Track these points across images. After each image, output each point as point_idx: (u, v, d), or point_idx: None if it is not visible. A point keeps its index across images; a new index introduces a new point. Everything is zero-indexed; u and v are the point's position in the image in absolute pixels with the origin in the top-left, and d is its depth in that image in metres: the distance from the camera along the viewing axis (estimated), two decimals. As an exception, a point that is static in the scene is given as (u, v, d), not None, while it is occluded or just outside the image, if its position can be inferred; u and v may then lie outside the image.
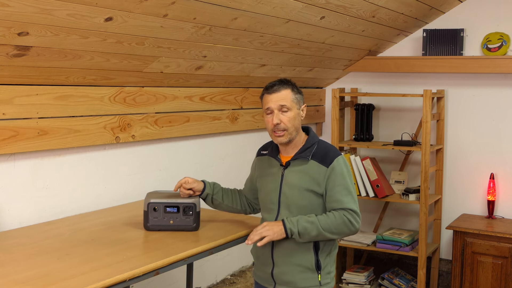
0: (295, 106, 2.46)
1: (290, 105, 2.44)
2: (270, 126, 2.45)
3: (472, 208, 4.31)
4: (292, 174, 2.46)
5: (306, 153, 2.46)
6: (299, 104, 2.48)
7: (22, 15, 2.16)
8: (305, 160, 2.46)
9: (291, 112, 2.44)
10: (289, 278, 2.46)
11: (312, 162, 2.45)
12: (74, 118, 2.88)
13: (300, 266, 2.44)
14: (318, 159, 2.44)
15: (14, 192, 2.70)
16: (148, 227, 2.58)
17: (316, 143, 2.50)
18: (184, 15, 2.68)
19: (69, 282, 1.93)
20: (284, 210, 2.47)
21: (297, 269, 2.44)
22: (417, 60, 4.27)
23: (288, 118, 2.43)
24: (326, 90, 4.84)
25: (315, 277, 2.45)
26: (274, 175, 2.52)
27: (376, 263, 4.64)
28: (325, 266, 2.47)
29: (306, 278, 2.45)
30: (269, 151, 2.59)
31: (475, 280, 3.91)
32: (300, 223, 2.37)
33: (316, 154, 2.46)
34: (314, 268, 2.44)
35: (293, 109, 2.45)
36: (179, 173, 3.62)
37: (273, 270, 2.49)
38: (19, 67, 2.49)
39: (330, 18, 3.43)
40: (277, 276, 2.49)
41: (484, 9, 4.16)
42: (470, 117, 4.29)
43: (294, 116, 2.44)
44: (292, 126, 2.44)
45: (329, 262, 2.50)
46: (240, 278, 4.15)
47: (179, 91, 3.48)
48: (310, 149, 2.47)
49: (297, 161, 2.47)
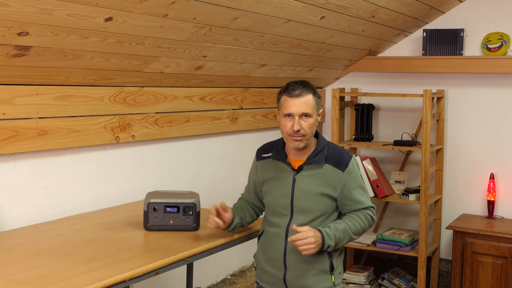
0: (315, 112, 2.41)
1: (311, 111, 2.38)
2: (289, 130, 2.38)
3: (472, 208, 4.31)
4: (306, 178, 2.43)
5: (320, 156, 2.43)
6: (318, 110, 2.44)
7: (22, 15, 2.16)
8: (319, 165, 2.43)
9: (311, 119, 2.39)
10: (303, 282, 2.42)
11: (326, 166, 2.42)
12: (74, 118, 2.88)
13: (315, 269, 2.42)
14: (333, 163, 2.42)
15: (14, 192, 2.70)
16: (148, 227, 2.58)
17: (326, 145, 2.48)
18: (184, 15, 2.68)
19: (69, 282, 1.93)
20: (298, 214, 2.43)
21: (311, 272, 2.42)
22: (417, 60, 4.27)
23: (309, 125, 2.38)
24: (326, 90, 4.84)
25: (329, 279, 2.44)
26: (284, 179, 2.46)
27: (376, 263, 4.64)
28: (337, 267, 2.47)
29: (322, 280, 2.43)
30: (273, 154, 2.52)
31: (475, 280, 3.91)
32: (336, 235, 2.36)
33: (329, 158, 2.44)
34: (329, 270, 2.43)
35: (314, 115, 2.40)
36: (179, 173, 3.62)
37: (285, 275, 2.44)
38: (19, 67, 2.49)
39: (330, 18, 3.43)
40: (290, 280, 2.44)
41: (484, 9, 4.16)
42: (470, 117, 4.29)
43: (314, 123, 2.40)
44: (311, 132, 2.41)
45: (340, 262, 2.50)
46: (240, 278, 4.15)
47: (179, 91, 3.48)
48: (323, 152, 2.44)
49: (311, 165, 2.43)
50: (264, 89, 4.20)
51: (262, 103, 4.19)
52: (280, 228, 2.45)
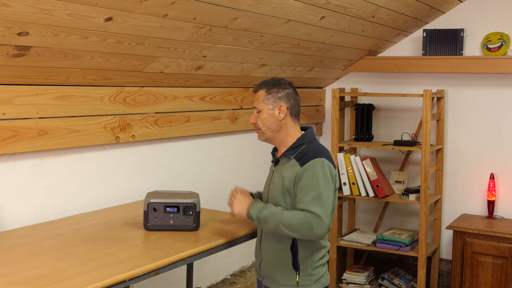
0: (266, 107, 2.48)
1: (260, 106, 2.49)
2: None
3: (472, 208, 4.31)
4: (276, 172, 2.51)
5: (291, 152, 2.45)
6: (273, 105, 2.47)
7: (22, 15, 2.16)
8: (287, 159, 2.46)
9: (263, 113, 2.49)
10: (271, 273, 2.49)
11: (293, 162, 2.43)
12: (74, 118, 2.88)
13: (282, 263, 2.45)
14: (297, 158, 2.42)
15: (14, 192, 2.70)
16: (148, 227, 2.58)
17: (306, 143, 2.46)
18: (184, 15, 2.68)
19: (69, 282, 1.93)
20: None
21: (280, 264, 2.46)
22: (417, 60, 4.27)
23: (261, 119, 2.50)
24: (326, 90, 4.84)
25: (293, 277, 2.44)
26: (269, 172, 2.60)
27: (376, 263, 4.64)
28: (304, 268, 2.44)
29: (285, 276, 2.45)
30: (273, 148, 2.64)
31: (475, 280, 3.91)
32: (264, 212, 2.39)
33: (299, 154, 2.43)
34: (292, 267, 2.43)
35: (264, 110, 2.48)
36: (179, 173, 3.62)
37: (260, 263, 2.55)
38: (19, 67, 2.49)
39: (330, 18, 3.43)
40: (262, 269, 2.54)
41: (484, 9, 4.16)
42: (470, 117, 4.29)
43: (265, 117, 2.48)
44: (264, 126, 2.49)
45: (310, 265, 2.44)
46: (240, 278, 4.15)
47: (179, 91, 3.48)
48: (296, 149, 2.45)
49: (282, 159, 2.50)
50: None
51: (262, 103, 4.18)
52: None
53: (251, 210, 2.42)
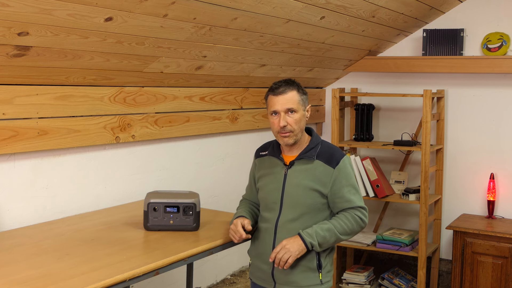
0: (301, 108, 2.47)
1: (296, 107, 2.44)
2: (276, 128, 2.45)
3: (472, 208, 4.31)
4: (297, 173, 2.47)
5: (311, 153, 2.47)
6: (304, 106, 2.49)
7: (22, 15, 2.16)
8: (310, 160, 2.47)
9: (297, 114, 2.45)
10: (291, 278, 2.45)
11: (317, 162, 2.46)
12: (74, 118, 2.88)
13: (302, 265, 2.44)
14: (324, 160, 2.46)
15: (14, 192, 2.70)
16: (148, 227, 2.58)
17: (320, 143, 2.52)
18: (184, 15, 2.68)
19: (69, 282, 1.93)
20: (288, 209, 2.46)
21: (299, 269, 2.44)
22: (417, 60, 4.27)
23: (295, 120, 2.44)
24: (326, 90, 4.84)
25: (317, 276, 2.46)
26: (276, 174, 2.52)
27: (376, 263, 4.64)
28: (325, 265, 2.49)
29: (309, 277, 2.45)
30: (269, 151, 2.59)
31: (475, 280, 3.91)
32: (319, 233, 2.38)
33: (321, 155, 2.47)
34: (316, 267, 2.45)
35: (299, 110, 2.46)
36: (179, 173, 3.62)
37: (273, 270, 2.49)
38: (19, 67, 2.49)
39: (330, 18, 3.43)
40: (277, 275, 2.48)
41: (484, 9, 4.16)
42: (470, 117, 4.29)
43: (300, 118, 2.45)
44: (298, 128, 2.46)
45: (329, 261, 2.52)
46: (240, 278, 4.15)
47: (179, 91, 3.48)
48: (315, 149, 2.49)
49: (302, 160, 2.48)
50: (264, 89, 4.19)
51: (262, 103, 4.19)
52: (269, 223, 2.50)
53: (310, 240, 2.37)
